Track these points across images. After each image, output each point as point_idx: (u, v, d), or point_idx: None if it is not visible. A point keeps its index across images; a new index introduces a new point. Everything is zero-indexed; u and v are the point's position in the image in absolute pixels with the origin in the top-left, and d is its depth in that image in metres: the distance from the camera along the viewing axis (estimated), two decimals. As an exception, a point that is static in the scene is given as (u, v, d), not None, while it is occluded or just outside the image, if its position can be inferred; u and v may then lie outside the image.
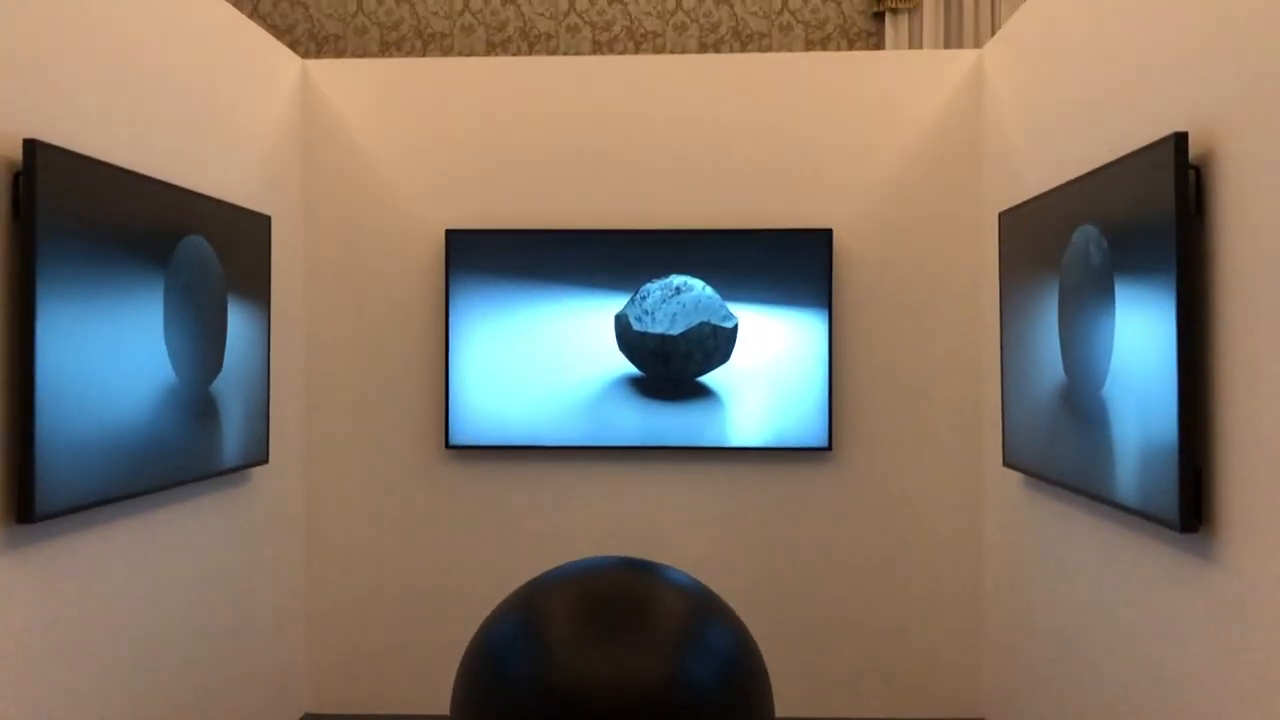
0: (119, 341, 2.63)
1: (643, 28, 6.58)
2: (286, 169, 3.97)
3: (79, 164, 2.46)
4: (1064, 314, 2.86)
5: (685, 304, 3.92)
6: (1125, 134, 2.62)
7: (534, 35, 6.57)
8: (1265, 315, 1.97)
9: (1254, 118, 2.02)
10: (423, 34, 6.57)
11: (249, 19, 6.27)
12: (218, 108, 3.39)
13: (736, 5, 6.58)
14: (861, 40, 6.49)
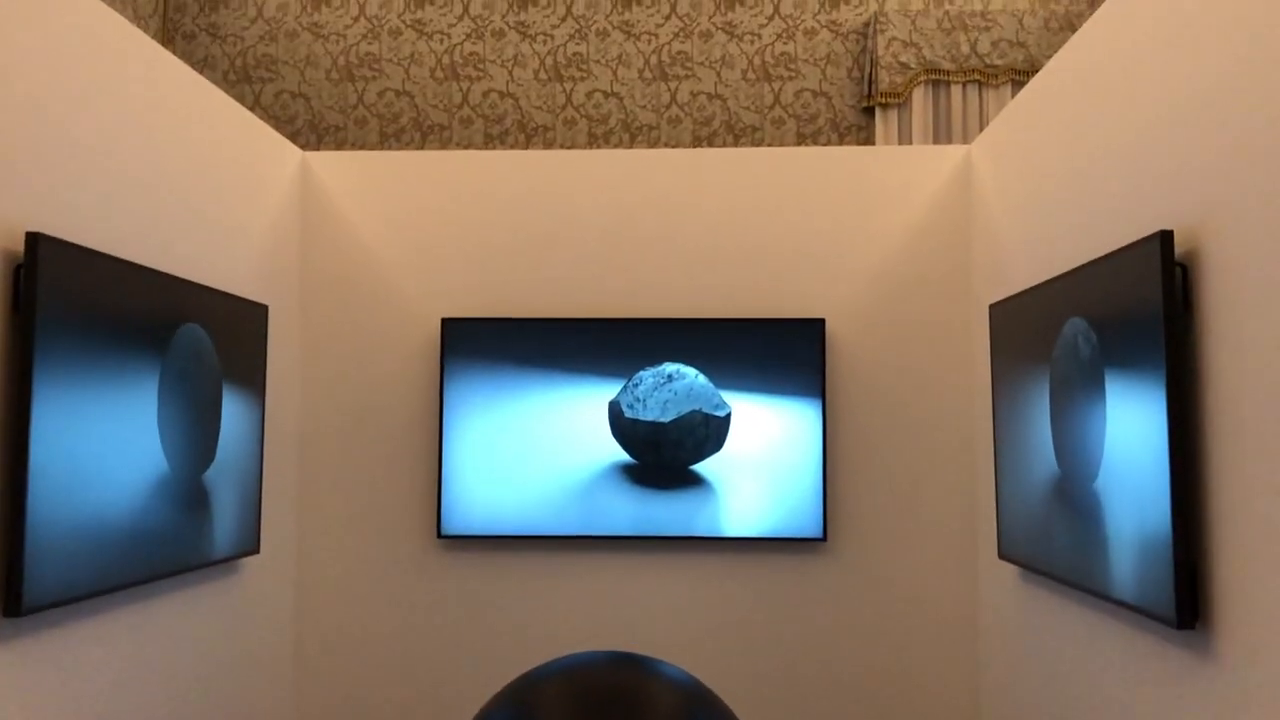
0: (113, 431, 2.63)
1: (638, 121, 6.71)
2: (285, 258, 4.02)
3: (79, 256, 2.49)
4: (1055, 406, 2.87)
5: (677, 392, 3.93)
6: (1112, 230, 2.66)
7: (531, 128, 6.69)
8: (1255, 410, 1.98)
9: (1238, 218, 2.06)
10: (422, 126, 6.69)
11: (251, 110, 6.40)
12: (218, 198, 3.44)
13: (729, 100, 6.72)
14: (852, 134, 6.62)
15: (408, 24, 6.75)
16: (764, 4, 6.79)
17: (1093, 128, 2.86)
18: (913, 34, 6.48)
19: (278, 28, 6.73)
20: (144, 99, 2.99)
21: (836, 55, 6.73)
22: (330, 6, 6.74)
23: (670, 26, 6.81)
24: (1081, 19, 6.43)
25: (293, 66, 6.71)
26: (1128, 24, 2.68)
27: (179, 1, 6.75)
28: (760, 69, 6.74)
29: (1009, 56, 6.43)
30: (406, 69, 6.73)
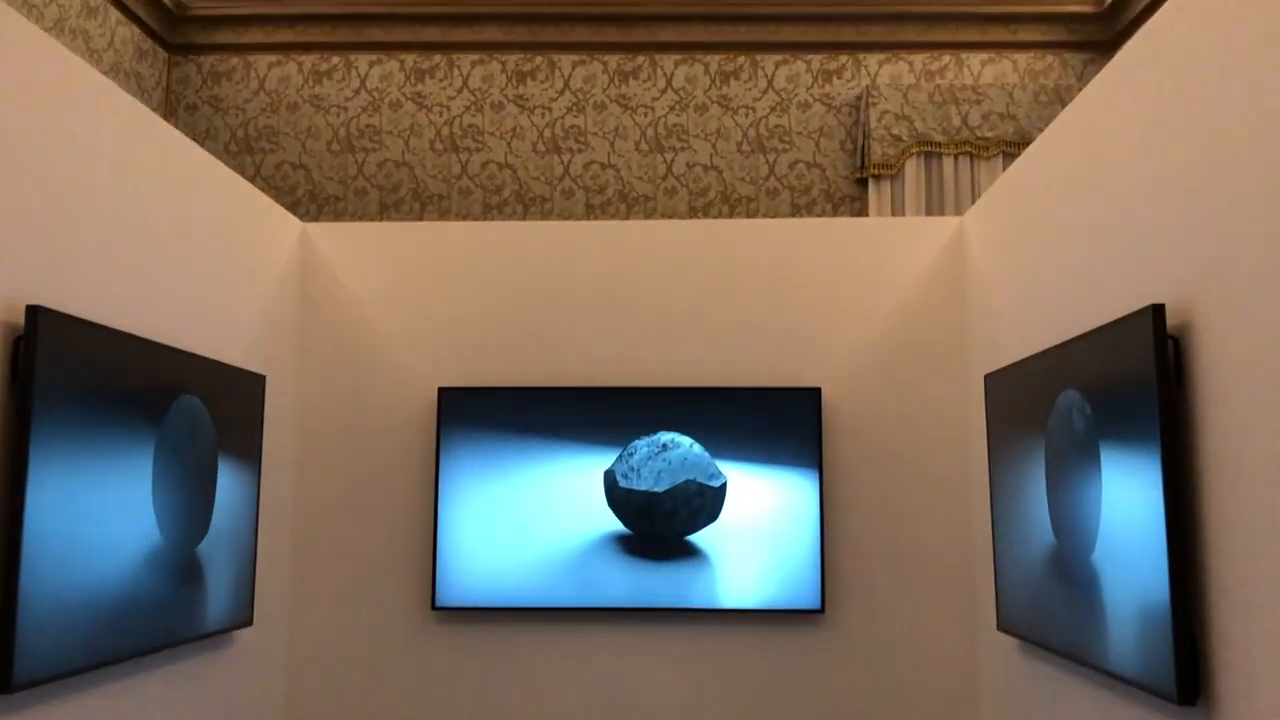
0: (107, 503, 2.62)
1: (634, 191, 6.79)
2: (283, 329, 4.04)
3: (79, 328, 2.50)
4: (1051, 478, 2.87)
5: (671, 461, 3.93)
6: (1105, 302, 2.69)
7: (529, 198, 6.77)
8: (1252, 482, 1.99)
9: (1229, 291, 2.09)
10: (421, 196, 6.76)
11: (252, 181, 6.47)
12: (219, 269, 3.47)
13: (725, 171, 6.81)
14: (845, 204, 6.70)
15: (408, 97, 6.86)
16: (758, 78, 6.91)
17: (1083, 201, 2.90)
18: (904, 107, 6.59)
19: (279, 100, 6.83)
20: (146, 171, 3.03)
21: (830, 128, 6.83)
22: (332, 80, 6.85)
23: (666, 100, 6.92)
24: (1070, 93, 6.55)
25: (294, 138, 6.80)
26: (1117, 99, 2.73)
27: (182, 74, 6.85)
28: (755, 141, 6.84)
29: (999, 129, 6.53)
30: (406, 140, 6.82)
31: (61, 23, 5.68)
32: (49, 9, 5.56)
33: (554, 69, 6.95)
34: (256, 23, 6.80)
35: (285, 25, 6.81)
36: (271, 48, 6.84)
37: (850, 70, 6.88)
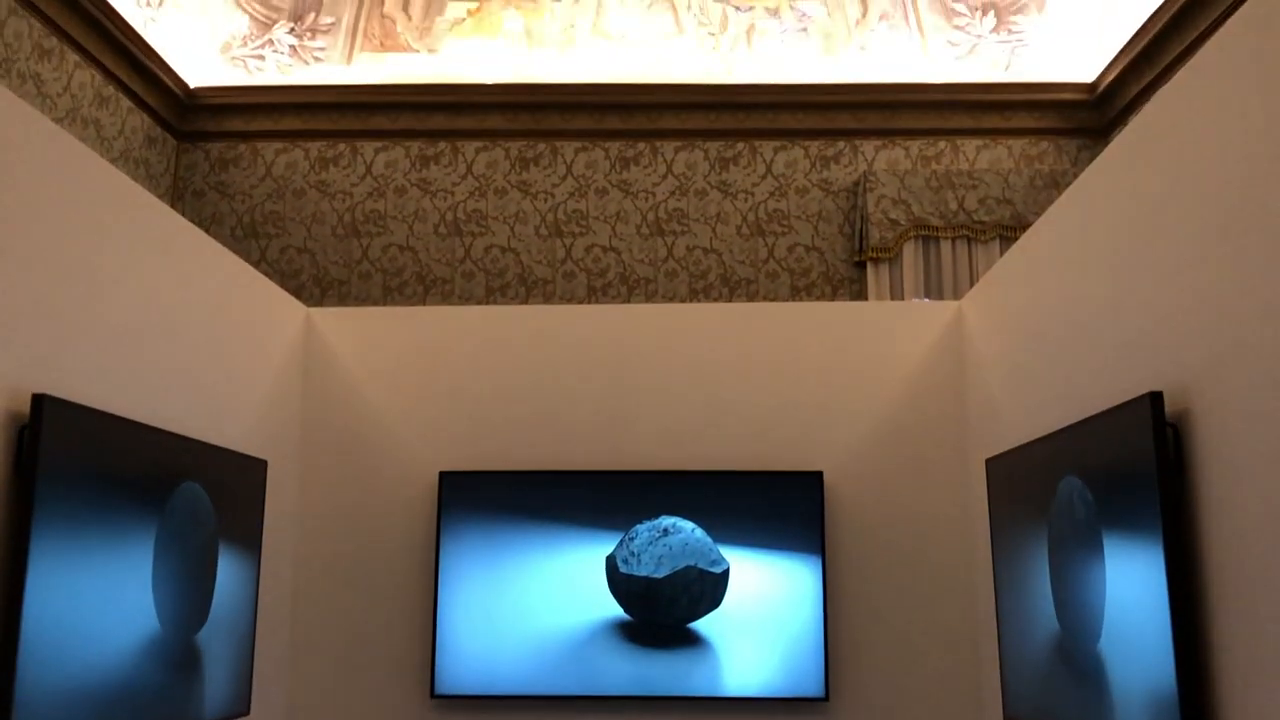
0: (107, 592, 2.61)
1: (635, 274, 6.86)
2: (286, 413, 4.05)
3: (84, 416, 2.52)
4: (1055, 565, 2.86)
5: (672, 546, 3.91)
6: (1103, 388, 2.70)
7: (531, 281, 6.83)
8: (1255, 569, 1.98)
9: (1227, 378, 2.10)
10: (424, 280, 6.83)
11: (257, 265, 6.55)
12: (223, 355, 3.50)
13: (724, 254, 6.88)
14: (844, 287, 6.76)
15: (413, 183, 6.97)
16: (757, 164, 7.03)
17: (1080, 287, 2.93)
18: (901, 192, 6.69)
19: (286, 186, 6.93)
20: (151, 259, 3.07)
21: (828, 212, 6.93)
22: (338, 166, 6.97)
23: (667, 185, 7.03)
24: (1065, 177, 6.64)
25: (299, 223, 6.90)
26: (1112, 187, 2.78)
27: (190, 160, 6.97)
28: (754, 225, 6.93)
29: (996, 213, 6.61)
30: (410, 225, 6.91)
31: (74, 112, 5.79)
32: (62, 99, 5.69)
33: (557, 155, 7.07)
34: (264, 111, 6.94)
35: (293, 113, 6.95)
36: (279, 135, 6.96)
37: (847, 156, 6.99)
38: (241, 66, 6.86)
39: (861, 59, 7.04)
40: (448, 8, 7.12)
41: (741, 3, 7.10)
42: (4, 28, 5.23)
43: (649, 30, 7.14)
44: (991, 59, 6.87)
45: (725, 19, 7.12)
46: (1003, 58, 6.85)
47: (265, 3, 6.78)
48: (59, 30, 5.60)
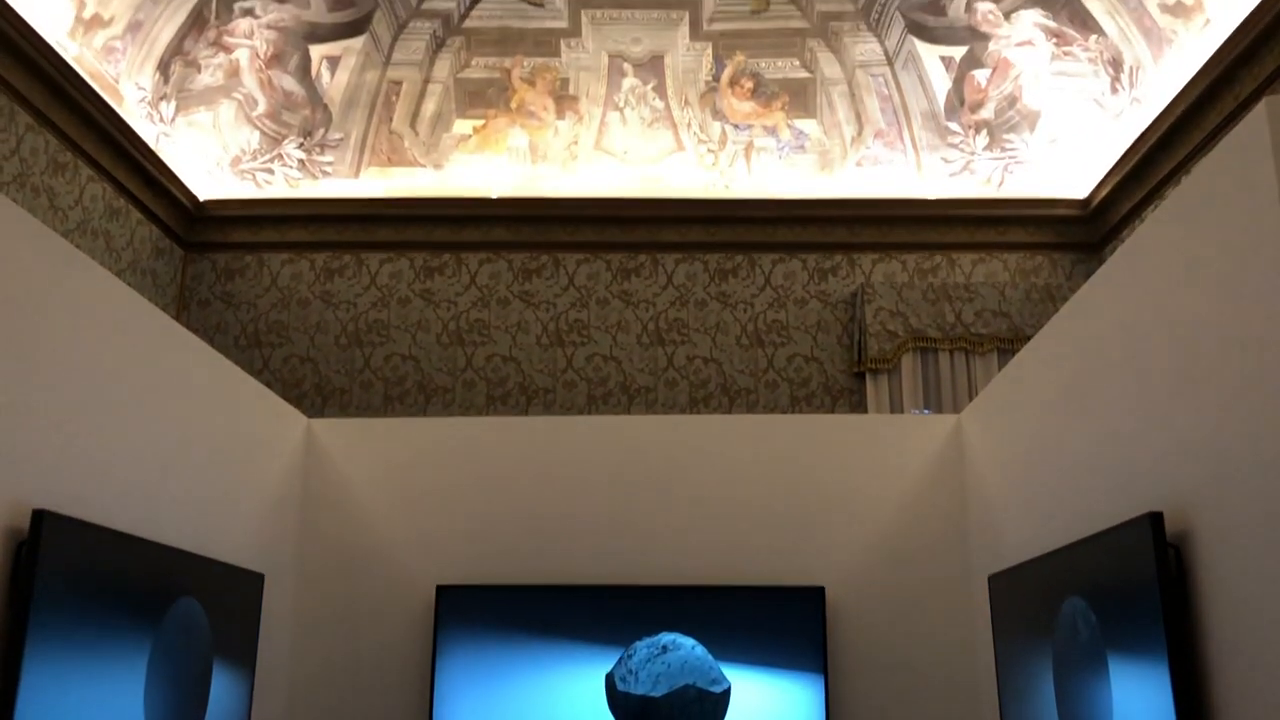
0: (99, 707, 2.56)
1: (635, 383, 6.90)
2: (285, 526, 4.03)
3: (83, 532, 2.51)
4: (1060, 687, 2.82)
5: (671, 664, 3.81)
6: (1104, 506, 2.70)
7: (532, 390, 6.86)
8: (1260, 690, 1.95)
9: (1227, 499, 2.11)
10: (426, 389, 6.86)
11: (259, 374, 6.59)
12: (224, 467, 3.50)
13: (724, 364, 6.93)
14: (844, 398, 6.79)
15: (417, 293, 7.05)
16: (756, 275, 7.12)
17: (1078, 404, 2.95)
18: (899, 304, 6.76)
19: (290, 296, 7.02)
20: (154, 371, 3.10)
21: (826, 323, 7.00)
22: (343, 277, 7.06)
23: (667, 295, 7.12)
24: (1061, 291, 6.73)
25: (303, 332, 6.96)
26: (1108, 304, 2.81)
27: (197, 270, 7.07)
28: (753, 335, 6.99)
29: (993, 326, 6.68)
30: (413, 335, 6.97)
31: (85, 224, 5.90)
32: (74, 212, 5.80)
33: (559, 266, 7.17)
34: (271, 223, 7.06)
35: (300, 225, 7.07)
36: (285, 246, 7.08)
37: (845, 269, 7.09)
38: (250, 180, 7.00)
39: (857, 175, 7.20)
40: (454, 124, 7.32)
41: (740, 121, 7.29)
42: (21, 143, 5.36)
43: (650, 147, 7.32)
44: (985, 175, 7.02)
45: (724, 136, 7.31)
46: (996, 174, 7.00)
47: (276, 118, 6.96)
48: (74, 145, 5.74)
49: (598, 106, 7.32)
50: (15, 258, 2.48)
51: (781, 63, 7.30)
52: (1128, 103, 6.36)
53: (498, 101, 7.30)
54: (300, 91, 7.02)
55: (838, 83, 7.25)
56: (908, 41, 7.05)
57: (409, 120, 7.25)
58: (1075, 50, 6.58)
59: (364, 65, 7.12)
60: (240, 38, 6.72)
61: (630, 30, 7.31)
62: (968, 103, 7.00)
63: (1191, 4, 5.73)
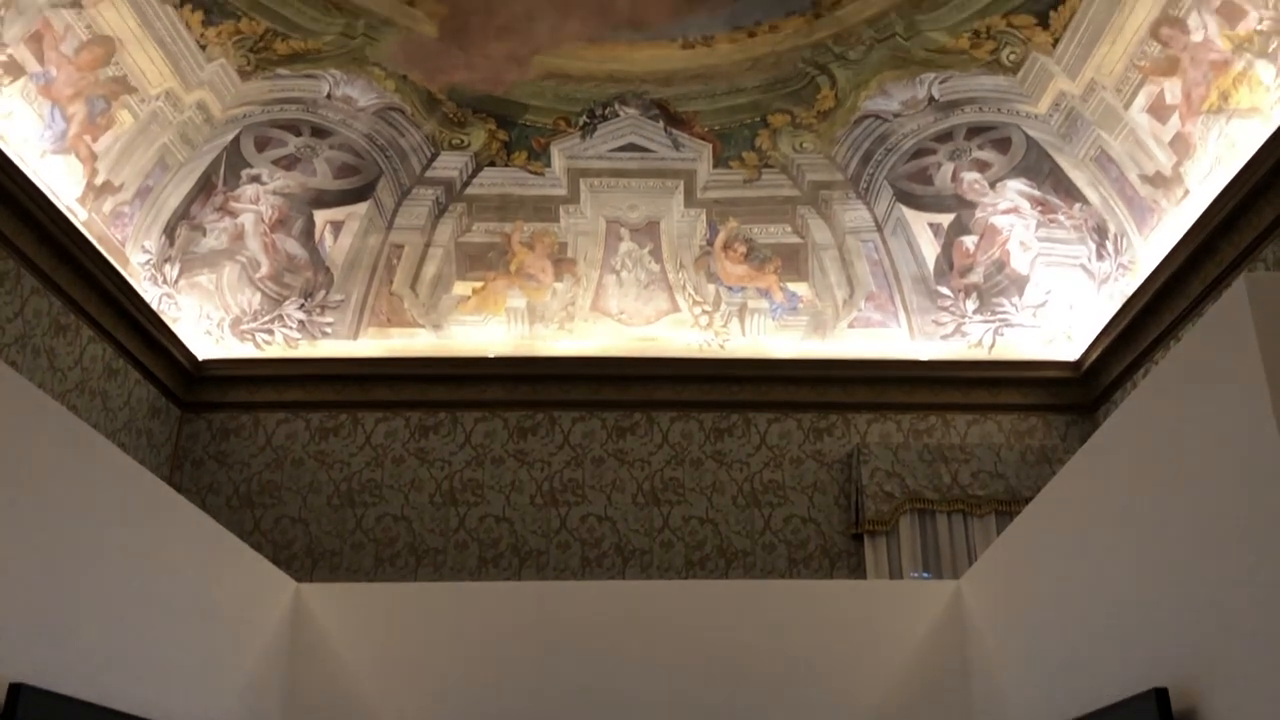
0: None
1: (630, 545, 6.81)
2: (271, 694, 3.91)
3: (61, 706, 2.43)
4: None
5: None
6: (1107, 679, 2.63)
7: (525, 551, 6.77)
8: None
9: (1231, 675, 2.06)
10: (417, 550, 6.77)
11: (250, 535, 6.51)
12: (210, 634, 3.42)
13: (721, 525, 6.86)
14: (842, 560, 6.70)
15: (411, 452, 7.04)
16: (751, 435, 7.13)
17: (1077, 574, 2.91)
18: (895, 464, 6.75)
19: (285, 456, 7.00)
20: (142, 535, 3.06)
21: (823, 483, 6.96)
22: (338, 436, 7.06)
23: (663, 454, 7.10)
24: (1056, 453, 6.73)
25: (295, 493, 6.91)
26: (1104, 472, 2.81)
27: (193, 430, 7.07)
28: (750, 495, 6.95)
29: (990, 487, 6.65)
30: (406, 495, 6.92)
31: (83, 384, 5.93)
32: (73, 372, 5.84)
33: (554, 425, 7.18)
34: (269, 383, 7.10)
35: (297, 385, 7.11)
36: (282, 406, 7.10)
37: (840, 429, 7.11)
38: (251, 341, 7.08)
39: (850, 336, 7.30)
40: (454, 286, 7.45)
41: (734, 284, 7.44)
42: (26, 305, 5.44)
43: (646, 308, 7.44)
44: (977, 338, 7.12)
45: (719, 298, 7.44)
46: (987, 337, 7.10)
47: (278, 280, 7.08)
48: (77, 307, 5.83)
49: (595, 269, 7.47)
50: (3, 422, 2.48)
51: (774, 228, 7.48)
52: (1114, 268, 6.50)
53: (497, 264, 7.45)
54: (303, 254, 7.16)
55: (829, 248, 7.42)
56: (896, 209, 7.25)
57: (409, 282, 7.38)
58: (1060, 218, 6.76)
59: (367, 230, 7.29)
60: (246, 203, 6.90)
61: (627, 197, 7.52)
62: (957, 267, 7.16)
63: (1171, 176, 5.92)
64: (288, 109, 6.77)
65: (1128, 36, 5.82)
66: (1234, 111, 5.37)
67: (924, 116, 6.89)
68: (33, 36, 5.39)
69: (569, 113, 7.19)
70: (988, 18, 6.26)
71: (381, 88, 6.82)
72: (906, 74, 6.70)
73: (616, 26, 6.64)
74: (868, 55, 6.65)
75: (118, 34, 5.78)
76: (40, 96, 5.49)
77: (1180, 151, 5.80)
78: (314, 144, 6.96)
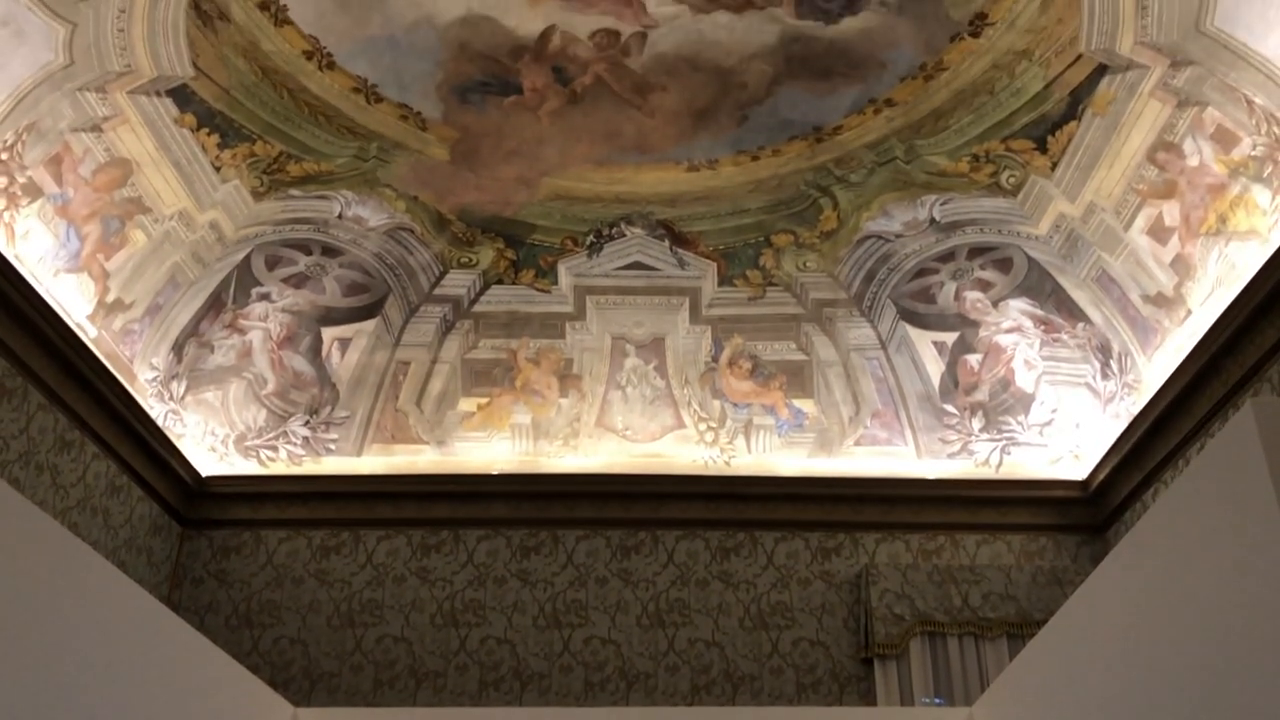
0: None
1: (635, 668, 6.67)
2: (258, 828, 3.79)
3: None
4: None
5: None
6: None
7: (527, 675, 6.62)
8: None
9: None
10: (417, 673, 6.63)
11: (248, 656, 6.38)
12: (198, 765, 3.33)
13: (727, 648, 6.72)
14: (852, 685, 6.54)
15: (412, 571, 6.95)
16: (758, 554, 7.04)
17: (1093, 698, 2.83)
18: (904, 586, 6.64)
19: (285, 574, 6.91)
20: (137, 656, 3.00)
21: (831, 605, 6.84)
22: (339, 555, 6.99)
23: (668, 574, 7.00)
24: (1067, 573, 6.62)
25: (295, 612, 6.80)
26: (1123, 592, 2.76)
27: (193, 548, 7.00)
28: (757, 617, 6.82)
29: (1001, 610, 6.52)
30: (407, 616, 6.80)
31: (85, 501, 5.90)
32: (75, 489, 5.81)
33: (558, 543, 7.09)
34: (272, 500, 7.05)
35: (299, 502, 7.06)
36: (284, 524, 7.04)
37: (848, 548, 7.02)
38: (255, 458, 7.06)
39: (857, 454, 7.26)
40: (459, 402, 7.46)
41: (739, 400, 7.44)
42: (31, 422, 5.45)
43: (651, 424, 7.43)
44: (984, 456, 7.07)
45: (724, 414, 7.43)
46: (994, 456, 7.06)
47: (284, 397, 7.10)
48: (82, 424, 5.83)
49: (600, 385, 7.48)
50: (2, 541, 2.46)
51: (778, 345, 7.52)
52: (1119, 387, 6.49)
53: (503, 380, 7.47)
54: (310, 371, 7.19)
55: (833, 365, 7.44)
56: (900, 327, 7.29)
57: (415, 398, 7.39)
58: (1064, 337, 6.79)
59: (374, 346, 7.34)
60: (255, 320, 6.97)
61: (633, 314, 7.58)
62: (962, 385, 7.16)
63: (1172, 296, 5.96)
64: (299, 229, 6.88)
65: (1125, 160, 5.93)
66: (1232, 234, 5.43)
67: (926, 237, 6.99)
68: (52, 159, 5.53)
69: (576, 232, 7.30)
70: (986, 142, 6.39)
71: (392, 208, 6.95)
72: (908, 196, 6.82)
73: (624, 150, 6.80)
74: (869, 178, 6.78)
75: (135, 156, 5.92)
76: (57, 217, 5.60)
77: (1181, 272, 5.85)
78: (324, 262, 7.06)
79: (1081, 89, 5.90)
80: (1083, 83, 5.87)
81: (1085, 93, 5.89)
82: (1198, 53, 5.21)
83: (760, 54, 6.22)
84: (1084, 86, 5.88)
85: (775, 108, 6.51)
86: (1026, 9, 5.75)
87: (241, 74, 6.06)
